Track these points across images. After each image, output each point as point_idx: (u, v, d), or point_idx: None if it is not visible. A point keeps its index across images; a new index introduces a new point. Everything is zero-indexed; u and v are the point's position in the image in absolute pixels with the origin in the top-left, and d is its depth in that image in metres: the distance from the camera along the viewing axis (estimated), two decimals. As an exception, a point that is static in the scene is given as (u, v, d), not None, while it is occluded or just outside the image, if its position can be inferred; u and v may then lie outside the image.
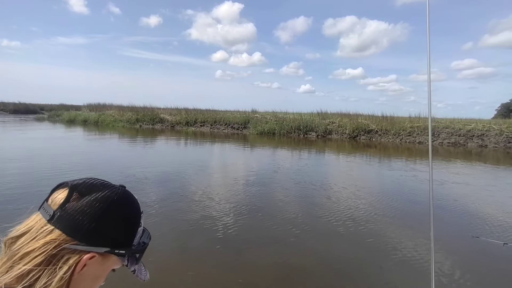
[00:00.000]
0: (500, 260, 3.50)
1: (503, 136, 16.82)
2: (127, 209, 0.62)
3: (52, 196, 0.59)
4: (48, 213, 0.56)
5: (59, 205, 0.56)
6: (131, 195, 0.64)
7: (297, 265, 3.29)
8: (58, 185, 0.61)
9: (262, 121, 22.25)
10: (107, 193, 0.59)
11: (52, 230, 0.54)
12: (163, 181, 6.53)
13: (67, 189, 0.58)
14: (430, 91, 1.27)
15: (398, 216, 4.95)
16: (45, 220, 0.55)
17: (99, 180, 0.61)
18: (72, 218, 0.55)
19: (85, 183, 0.59)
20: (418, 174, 8.56)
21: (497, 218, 4.95)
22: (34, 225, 0.56)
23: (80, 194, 0.57)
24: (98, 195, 0.58)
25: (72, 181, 0.60)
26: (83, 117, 26.68)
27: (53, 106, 41.35)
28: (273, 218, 4.63)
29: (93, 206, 0.56)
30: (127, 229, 0.61)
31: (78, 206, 0.56)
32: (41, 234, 0.54)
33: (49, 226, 0.55)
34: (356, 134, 19.34)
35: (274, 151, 13.02)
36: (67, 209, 0.55)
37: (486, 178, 8.68)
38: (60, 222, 0.55)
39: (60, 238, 0.54)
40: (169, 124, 24.68)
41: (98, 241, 0.56)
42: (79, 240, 0.55)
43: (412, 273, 3.21)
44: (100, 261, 0.58)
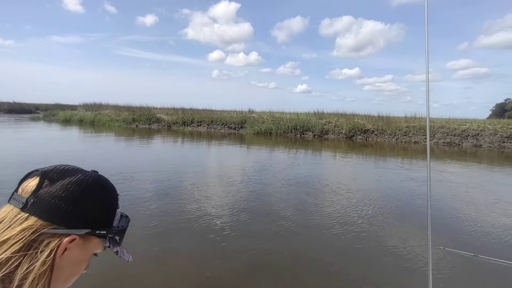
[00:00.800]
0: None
1: (497, 136, 16.99)
2: (103, 191, 0.61)
3: (22, 185, 0.58)
4: (20, 201, 0.54)
5: (31, 192, 0.55)
6: (106, 178, 0.64)
7: (289, 265, 3.32)
8: (27, 175, 0.59)
9: (259, 121, 22.27)
10: (81, 176, 0.58)
11: (27, 217, 0.53)
12: (156, 181, 6.52)
13: (38, 177, 0.57)
14: (428, 92, 1.27)
15: (393, 215, 4.99)
16: (18, 209, 0.54)
17: (70, 166, 0.60)
18: (47, 203, 0.54)
19: (56, 169, 0.58)
20: (413, 173, 8.62)
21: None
22: (6, 215, 0.54)
23: (52, 179, 0.56)
24: (72, 179, 0.57)
25: (42, 168, 0.58)
26: (79, 116, 26.51)
27: (48, 106, 41.06)
28: (264, 217, 4.65)
29: (68, 190, 0.56)
30: (105, 210, 0.61)
31: (52, 190, 0.55)
32: (16, 222, 0.53)
33: (23, 214, 0.54)
34: (353, 134, 19.42)
35: (270, 151, 13.04)
36: (40, 195, 0.54)
37: (473, 176, 8.78)
38: (35, 208, 0.54)
39: (37, 224, 0.53)
40: (165, 124, 24.60)
41: (77, 223, 0.56)
42: (58, 224, 0.54)
43: (407, 271, 3.25)
44: (82, 244, 0.57)
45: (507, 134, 16.85)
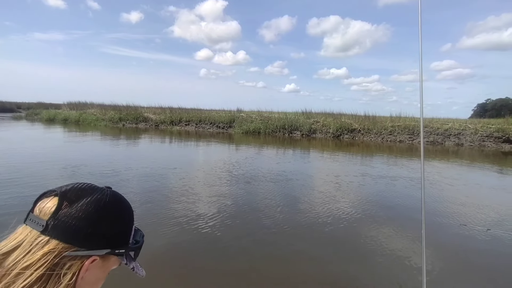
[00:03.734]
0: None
1: (478, 135, 17.58)
2: (120, 209, 0.62)
3: (38, 206, 0.57)
4: (39, 224, 0.54)
5: (51, 214, 0.54)
6: (120, 195, 0.64)
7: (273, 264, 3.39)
8: (42, 194, 0.59)
9: (247, 120, 22.30)
10: (98, 195, 0.58)
11: (48, 241, 0.53)
12: (144, 181, 6.48)
13: (56, 197, 0.56)
14: (421, 93, 1.30)
15: (383, 212, 5.14)
16: (37, 232, 0.53)
17: (86, 184, 0.60)
18: (68, 225, 0.54)
19: (73, 189, 0.58)
20: (400, 171, 8.85)
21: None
22: (25, 238, 0.53)
23: (71, 200, 0.56)
24: (89, 199, 0.57)
25: (59, 188, 0.58)
26: (63, 116, 25.88)
27: (30, 105, 39.76)
28: (252, 215, 4.71)
29: (87, 210, 0.55)
30: (122, 228, 0.62)
31: (72, 212, 0.55)
32: (37, 246, 0.52)
33: (44, 237, 0.53)
34: (340, 133, 19.72)
35: (259, 150, 13.10)
36: (60, 217, 0.54)
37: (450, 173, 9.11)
38: (56, 231, 0.53)
39: (58, 247, 0.53)
40: (153, 123, 24.32)
41: (97, 244, 0.56)
42: (79, 246, 0.54)
43: (401, 264, 3.37)
44: (101, 263, 0.58)
45: (487, 133, 17.46)
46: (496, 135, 17.18)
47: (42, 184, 5.79)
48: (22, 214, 0.58)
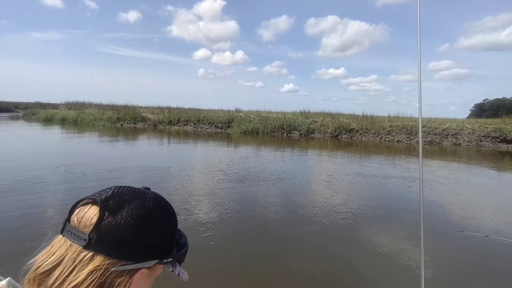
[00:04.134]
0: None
1: (475, 135, 17.66)
2: (165, 213, 0.57)
3: (75, 215, 0.52)
4: (80, 237, 0.48)
5: (93, 225, 0.49)
6: (161, 196, 0.59)
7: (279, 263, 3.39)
8: (78, 202, 0.54)
9: (245, 120, 22.30)
10: (140, 201, 0.53)
11: (92, 256, 0.48)
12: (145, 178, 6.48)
13: (94, 205, 0.51)
14: (420, 93, 1.29)
15: (381, 212, 5.16)
16: (79, 246, 0.48)
17: (125, 188, 0.55)
18: (112, 238, 0.49)
19: (114, 195, 0.52)
20: (398, 171, 8.88)
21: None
22: (65, 253, 0.49)
23: (112, 209, 0.50)
24: (132, 206, 0.52)
25: (98, 195, 0.52)
26: (61, 115, 25.77)
27: (28, 104, 39.58)
28: (251, 214, 4.72)
29: (131, 220, 0.50)
30: (168, 234, 0.57)
31: (115, 223, 0.49)
32: (81, 263, 0.47)
33: (87, 252, 0.48)
34: (338, 133, 19.75)
35: (255, 149, 13.11)
36: (102, 229, 0.49)
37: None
38: (100, 245, 0.48)
39: (104, 262, 0.48)
40: (151, 123, 24.27)
41: (144, 256, 0.52)
42: (126, 260, 0.49)
43: (399, 265, 3.38)
44: (147, 274, 0.53)
45: (484, 133, 17.55)
46: (493, 135, 17.27)
47: (33, 182, 5.79)
48: (8, 219, 0.54)
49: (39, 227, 3.77)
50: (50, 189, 5.50)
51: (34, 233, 3.57)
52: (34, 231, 3.64)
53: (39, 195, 5.07)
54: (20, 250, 3.13)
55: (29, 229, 3.70)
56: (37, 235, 3.49)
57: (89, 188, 5.64)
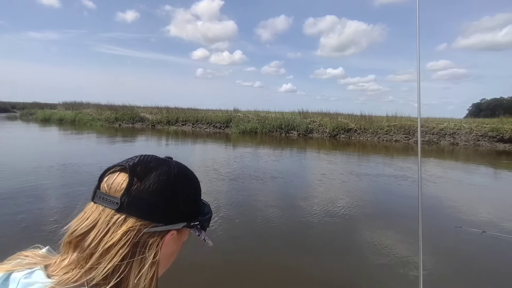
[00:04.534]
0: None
1: (473, 135, 17.75)
2: (190, 180, 0.61)
3: (105, 183, 0.55)
4: (112, 202, 0.52)
5: (123, 190, 0.52)
6: (184, 165, 0.62)
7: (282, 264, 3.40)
8: (107, 170, 0.57)
9: (244, 120, 22.31)
10: (166, 168, 0.56)
11: (125, 219, 0.51)
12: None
13: (123, 172, 0.55)
14: (419, 93, 1.29)
15: (380, 211, 5.19)
16: (112, 210, 0.52)
17: (151, 156, 0.58)
18: (143, 201, 0.52)
19: (141, 162, 0.55)
20: (395, 170, 8.92)
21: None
22: (98, 217, 0.52)
23: (140, 175, 0.54)
24: (159, 172, 0.55)
25: (126, 162, 0.56)
26: (58, 115, 25.69)
27: (25, 104, 39.42)
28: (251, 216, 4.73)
29: (159, 184, 0.54)
30: (194, 199, 0.61)
31: (144, 187, 0.53)
32: (115, 225, 0.51)
33: (120, 215, 0.51)
34: (336, 133, 19.80)
35: (251, 149, 13.12)
36: (133, 193, 0.52)
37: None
38: (132, 208, 0.51)
39: (137, 224, 0.51)
40: (149, 123, 24.24)
41: (174, 218, 0.55)
42: (157, 222, 0.53)
43: (398, 263, 3.40)
44: (177, 237, 0.58)
45: (482, 132, 17.64)
46: (490, 134, 17.36)
47: (23, 181, 5.80)
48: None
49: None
50: (41, 187, 5.49)
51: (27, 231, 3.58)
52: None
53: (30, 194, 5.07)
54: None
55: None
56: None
57: (80, 186, 5.64)
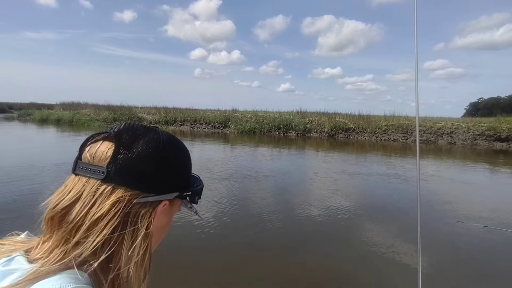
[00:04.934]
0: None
1: (470, 134, 17.82)
2: (180, 148, 0.57)
3: (88, 152, 0.51)
4: (98, 171, 0.48)
5: (109, 158, 0.48)
6: (172, 134, 0.59)
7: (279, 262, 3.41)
8: (89, 139, 0.53)
9: (242, 120, 22.31)
10: (154, 135, 0.53)
11: (113, 189, 0.48)
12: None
13: (107, 141, 0.51)
14: (417, 93, 1.29)
15: (368, 208, 5.21)
16: (97, 180, 0.48)
17: (136, 123, 0.54)
18: (131, 170, 0.48)
19: (126, 129, 0.51)
20: (389, 169, 8.94)
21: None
22: (83, 188, 0.48)
23: (127, 142, 0.50)
24: (146, 140, 0.51)
25: (109, 129, 0.52)
26: (56, 116, 25.59)
27: (23, 105, 39.19)
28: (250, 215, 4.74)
29: (148, 152, 0.50)
30: (185, 169, 0.58)
31: (132, 155, 0.49)
32: (102, 195, 0.47)
33: (107, 185, 0.47)
34: (334, 133, 19.83)
35: (250, 149, 13.12)
36: (120, 161, 0.48)
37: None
38: (119, 177, 0.48)
39: (126, 194, 0.48)
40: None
41: (165, 188, 0.52)
42: (147, 191, 0.50)
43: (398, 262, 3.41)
44: (168, 208, 0.55)
45: (479, 131, 17.71)
46: (487, 133, 17.43)
47: (13, 179, 5.80)
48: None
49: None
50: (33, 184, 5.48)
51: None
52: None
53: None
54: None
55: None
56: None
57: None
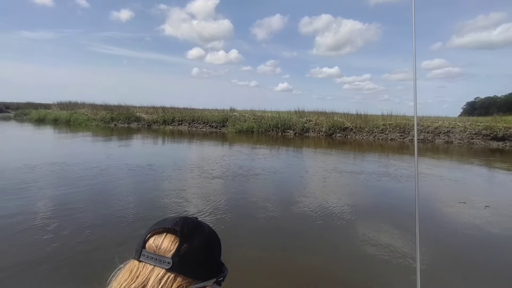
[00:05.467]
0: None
1: (467, 133, 17.92)
2: (216, 240, 0.68)
3: (153, 243, 0.60)
4: (164, 261, 0.57)
5: (174, 250, 0.58)
6: (208, 224, 0.70)
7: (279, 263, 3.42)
8: (152, 231, 0.62)
9: (240, 119, 22.31)
10: (202, 230, 0.64)
11: (175, 277, 0.57)
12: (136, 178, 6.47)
13: (171, 234, 0.61)
14: (415, 92, 1.28)
15: (355, 206, 5.24)
16: (162, 269, 0.57)
17: (189, 218, 0.65)
18: (189, 262, 0.59)
19: (185, 225, 0.62)
20: (380, 167, 8.99)
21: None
22: (149, 275, 0.57)
23: (186, 237, 0.60)
24: (199, 235, 0.62)
25: (169, 224, 0.62)
26: (53, 116, 25.50)
27: (19, 105, 38.97)
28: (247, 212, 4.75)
29: (201, 247, 0.61)
30: (219, 257, 0.68)
31: (191, 250, 0.59)
32: (166, 283, 0.56)
33: (170, 273, 0.57)
34: (332, 132, 19.88)
35: (248, 148, 13.14)
36: (181, 254, 0.58)
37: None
38: (181, 267, 0.57)
39: (184, 282, 0.57)
40: (145, 123, 24.14)
41: (209, 275, 0.62)
42: (196, 279, 0.59)
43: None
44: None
45: (475, 131, 17.81)
46: (484, 132, 17.54)
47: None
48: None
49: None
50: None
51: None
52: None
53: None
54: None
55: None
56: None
57: (64, 187, 5.64)
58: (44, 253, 3.19)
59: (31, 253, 3.17)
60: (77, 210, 4.51)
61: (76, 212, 4.40)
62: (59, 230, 3.77)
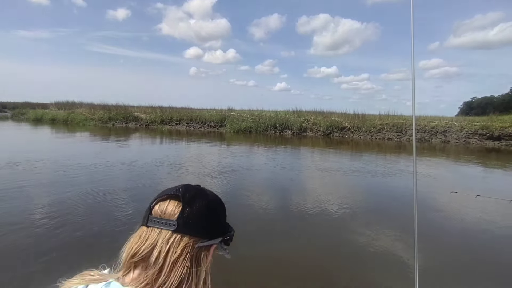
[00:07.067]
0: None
1: (463, 132, 18.05)
2: (219, 203, 0.74)
3: (158, 208, 0.66)
4: (169, 224, 0.63)
5: (178, 213, 0.64)
6: (211, 191, 0.76)
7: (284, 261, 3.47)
8: (157, 198, 0.68)
9: (238, 119, 22.34)
10: (204, 195, 0.70)
11: (181, 237, 0.63)
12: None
13: (174, 200, 0.67)
14: (414, 91, 1.30)
15: (374, 205, 5.29)
16: (168, 231, 0.63)
17: (190, 185, 0.72)
18: (194, 222, 0.64)
19: (187, 191, 0.68)
20: (367, 165, 9.06)
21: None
22: (157, 237, 0.63)
23: (189, 201, 0.66)
24: (200, 199, 0.68)
25: (173, 192, 0.68)
26: (51, 115, 25.42)
27: (16, 104, 38.77)
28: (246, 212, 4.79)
29: (203, 209, 0.67)
30: (224, 219, 0.74)
31: (194, 212, 0.65)
32: (174, 243, 0.62)
33: (176, 234, 0.63)
34: (330, 132, 19.95)
35: (250, 148, 13.17)
36: (185, 215, 0.64)
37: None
38: (186, 228, 0.63)
39: (190, 241, 0.63)
40: (143, 123, 24.11)
41: (215, 234, 0.68)
42: (203, 238, 0.65)
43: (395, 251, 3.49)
44: (213, 251, 0.71)
45: (472, 130, 17.94)
46: (480, 132, 17.66)
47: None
48: None
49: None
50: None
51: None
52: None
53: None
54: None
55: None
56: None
57: (48, 182, 5.66)
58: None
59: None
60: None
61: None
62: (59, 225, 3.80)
